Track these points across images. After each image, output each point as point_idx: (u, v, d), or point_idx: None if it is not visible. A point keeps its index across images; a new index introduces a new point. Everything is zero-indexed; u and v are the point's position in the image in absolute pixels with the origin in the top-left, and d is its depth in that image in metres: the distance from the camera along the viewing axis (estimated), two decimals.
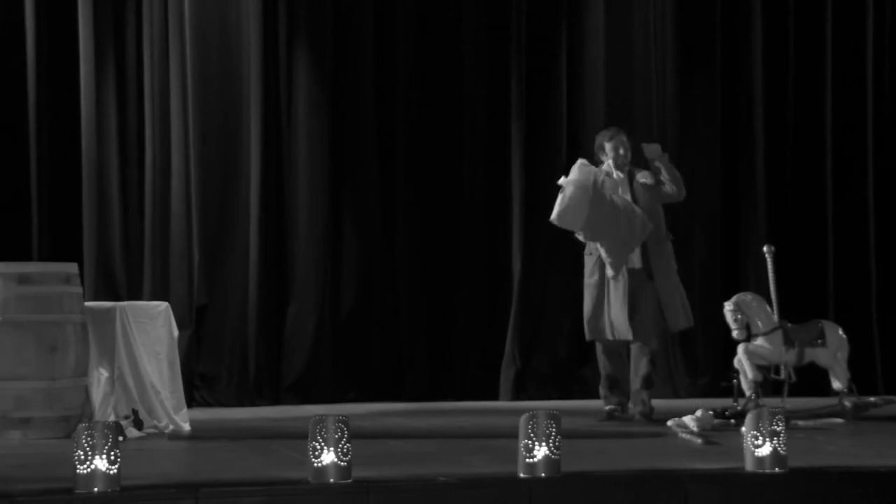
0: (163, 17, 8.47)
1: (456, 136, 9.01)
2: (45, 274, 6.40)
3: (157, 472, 5.04)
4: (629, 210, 7.03)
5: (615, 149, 7.19)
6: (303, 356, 8.60)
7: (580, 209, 6.98)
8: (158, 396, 6.63)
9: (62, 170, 8.33)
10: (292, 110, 8.72)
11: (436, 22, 9.00)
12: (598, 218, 6.98)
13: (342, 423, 4.52)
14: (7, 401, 6.21)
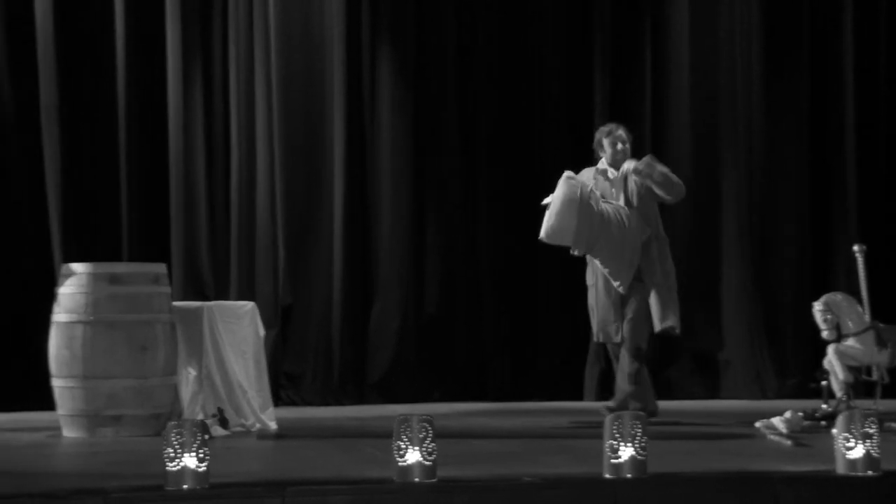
0: (248, 20, 8.57)
1: (538, 134, 8.98)
2: (135, 274, 6.51)
3: (244, 471, 5.09)
4: (619, 220, 6.92)
5: (612, 144, 7.08)
6: (387, 355, 8.63)
7: (568, 223, 6.88)
8: (245, 395, 6.71)
9: (151, 172, 8.46)
10: (375, 108, 8.76)
11: (518, 19, 8.97)
12: (588, 231, 6.89)
13: (427, 423, 4.53)
14: (100, 399, 6.33)
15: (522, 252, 8.88)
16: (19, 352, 8.04)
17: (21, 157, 8.27)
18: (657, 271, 6.99)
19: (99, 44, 8.39)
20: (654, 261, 7.00)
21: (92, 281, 6.40)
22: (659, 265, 7.01)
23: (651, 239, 7.02)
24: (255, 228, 8.59)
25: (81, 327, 6.35)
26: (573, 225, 6.87)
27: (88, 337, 6.33)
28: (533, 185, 8.92)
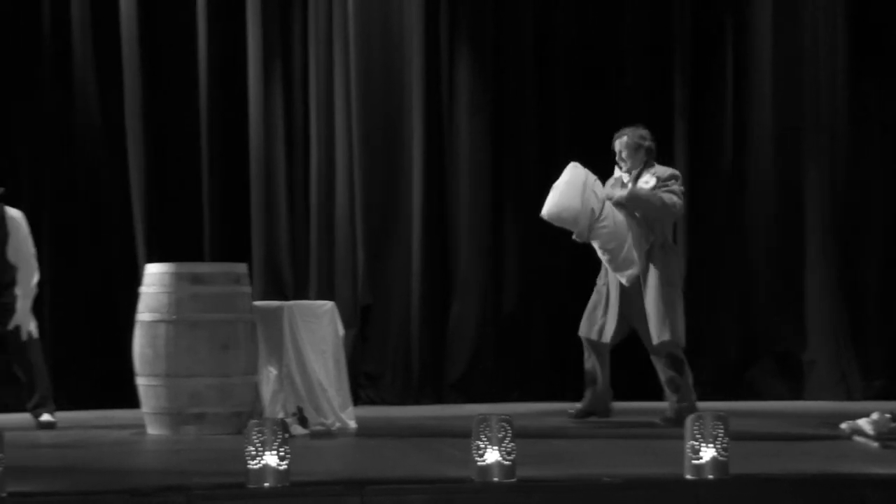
0: (327, 20, 8.63)
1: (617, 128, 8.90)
2: (217, 274, 6.59)
3: (324, 469, 5.12)
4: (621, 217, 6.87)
5: (616, 149, 7.06)
6: (465, 355, 8.64)
7: (570, 204, 6.87)
8: (325, 394, 6.75)
9: (232, 173, 8.56)
10: (454, 108, 8.77)
11: (597, 19, 8.92)
12: (590, 218, 6.85)
13: (506, 422, 4.52)
14: (182, 397, 6.41)
15: None
16: (106, 350, 8.19)
17: (107, 160, 8.42)
18: (656, 283, 6.86)
19: (181, 47, 8.51)
20: (660, 269, 6.87)
21: (175, 281, 6.48)
22: (659, 275, 6.87)
23: (655, 246, 6.91)
24: (335, 229, 8.65)
25: (164, 326, 6.44)
26: (575, 207, 6.86)
27: (171, 336, 6.42)
28: None
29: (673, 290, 6.91)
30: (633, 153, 7.02)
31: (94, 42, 8.39)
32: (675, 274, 6.97)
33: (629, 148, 7.03)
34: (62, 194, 8.34)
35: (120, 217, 8.40)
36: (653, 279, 6.87)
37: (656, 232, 6.92)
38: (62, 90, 8.37)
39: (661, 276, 6.86)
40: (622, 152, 7.05)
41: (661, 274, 6.86)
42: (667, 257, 6.93)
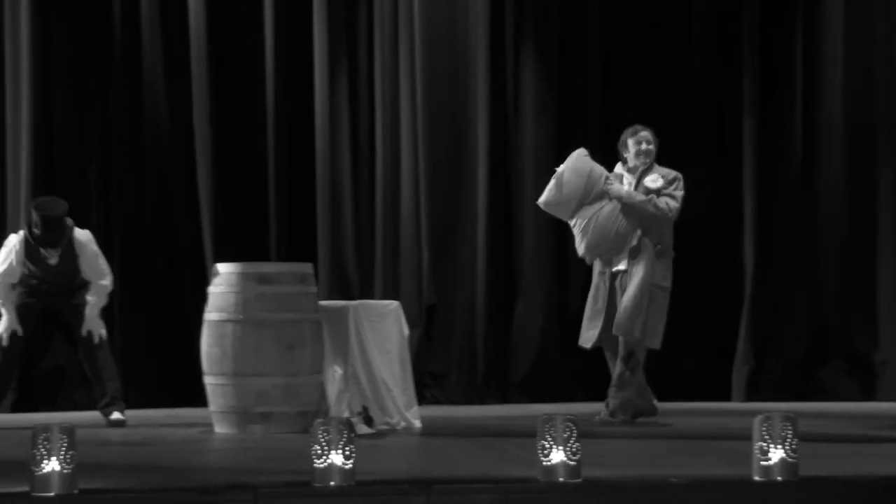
0: (393, 19, 8.66)
1: (685, 131, 8.84)
2: (283, 274, 6.63)
3: (389, 468, 5.13)
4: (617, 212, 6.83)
5: (637, 143, 6.95)
6: (530, 354, 8.62)
7: (571, 195, 6.86)
8: (390, 394, 6.77)
9: (298, 174, 8.62)
10: (519, 107, 8.76)
11: (664, 16, 8.85)
12: (587, 211, 6.83)
13: (571, 422, 4.50)
14: (249, 396, 6.46)
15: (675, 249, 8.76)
16: (174, 350, 8.29)
17: (175, 161, 8.52)
18: (639, 281, 6.82)
19: (248, 50, 8.60)
20: (647, 270, 6.83)
21: (242, 280, 6.54)
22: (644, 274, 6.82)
23: (647, 248, 6.86)
24: (400, 228, 8.67)
25: (231, 326, 6.49)
26: (577, 197, 6.85)
27: (238, 335, 6.47)
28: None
29: (656, 291, 6.87)
30: (655, 151, 7.00)
31: (162, 45, 8.50)
32: (661, 277, 6.90)
33: (654, 144, 6.99)
34: (131, 195, 8.45)
35: (188, 217, 8.50)
36: (637, 277, 6.84)
37: (651, 235, 6.88)
38: (131, 92, 8.48)
39: (646, 275, 6.83)
40: (647, 146, 6.95)
41: (647, 274, 6.83)
42: (657, 260, 6.88)
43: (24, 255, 7.01)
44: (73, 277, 7.12)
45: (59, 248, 7.01)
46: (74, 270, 7.11)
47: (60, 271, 7.06)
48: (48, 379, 8.20)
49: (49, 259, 7.04)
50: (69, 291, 7.12)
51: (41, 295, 7.09)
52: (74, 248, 7.08)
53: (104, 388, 7.16)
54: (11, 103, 8.31)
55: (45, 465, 4.24)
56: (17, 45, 8.29)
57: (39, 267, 7.04)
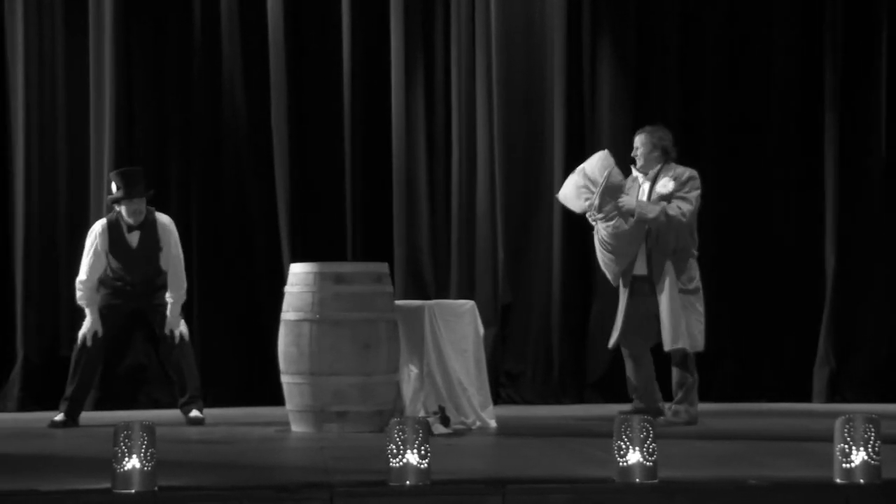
0: (469, 18, 8.66)
1: (765, 128, 8.72)
2: (359, 274, 6.66)
3: (465, 468, 5.13)
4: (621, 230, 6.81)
5: (635, 145, 7.01)
6: (607, 354, 8.51)
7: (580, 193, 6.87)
8: (465, 393, 6.77)
9: (374, 174, 8.66)
10: (596, 104, 8.71)
11: (744, 10, 8.73)
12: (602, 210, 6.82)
13: (647, 423, 4.47)
14: (326, 395, 6.51)
15: (744, 249, 8.67)
16: (252, 349, 8.36)
17: (253, 161, 8.60)
18: (668, 289, 6.80)
19: (326, 50, 8.65)
20: (675, 274, 6.82)
21: (318, 280, 6.58)
22: (671, 280, 6.81)
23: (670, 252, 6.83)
24: (476, 228, 8.67)
25: (308, 325, 6.54)
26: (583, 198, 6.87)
27: (315, 335, 6.52)
28: (758, 181, 8.69)
29: (688, 295, 6.85)
30: (648, 153, 6.97)
31: (241, 45, 8.59)
32: (686, 280, 6.87)
33: (645, 146, 6.99)
34: (209, 195, 8.55)
35: (265, 217, 8.57)
36: (663, 283, 6.83)
37: (668, 239, 6.83)
38: (210, 93, 8.58)
39: (672, 284, 6.81)
40: (639, 149, 7.00)
41: (672, 282, 6.82)
42: (681, 263, 6.85)
43: (107, 241, 7.12)
44: (153, 273, 7.22)
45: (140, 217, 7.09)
46: (154, 261, 7.19)
47: (140, 260, 7.14)
48: (130, 377, 8.33)
49: (131, 242, 7.12)
50: (151, 291, 7.23)
51: (124, 296, 7.20)
52: (157, 230, 7.19)
53: (184, 387, 7.26)
54: (95, 103, 8.45)
55: (127, 462, 4.31)
56: (101, 44, 8.43)
57: (122, 256, 7.13)
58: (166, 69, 8.57)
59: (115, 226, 7.17)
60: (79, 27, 8.47)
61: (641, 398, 7.12)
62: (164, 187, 8.44)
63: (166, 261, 7.23)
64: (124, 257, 7.16)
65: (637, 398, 7.13)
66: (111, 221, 7.19)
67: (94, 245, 7.16)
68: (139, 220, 7.13)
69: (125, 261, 7.16)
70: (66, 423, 7.07)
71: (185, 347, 7.29)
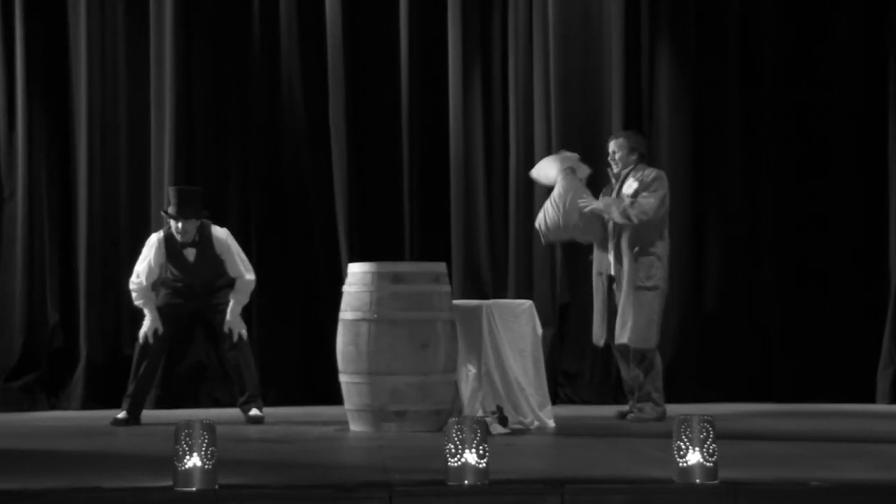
0: (527, 20, 8.64)
1: (826, 130, 8.62)
2: (417, 273, 6.67)
3: (523, 468, 5.13)
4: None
5: (610, 149, 7.24)
6: (666, 354, 8.48)
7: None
8: (523, 393, 6.76)
9: (432, 173, 8.67)
10: (654, 106, 8.66)
11: (804, 12, 8.63)
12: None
13: (708, 423, 4.43)
14: (384, 394, 6.52)
15: (807, 249, 8.57)
16: (310, 348, 8.41)
17: (311, 161, 8.65)
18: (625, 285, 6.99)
19: (383, 49, 8.69)
20: (633, 272, 6.99)
21: (376, 280, 6.60)
22: (629, 278, 6.99)
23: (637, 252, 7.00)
24: (533, 228, 8.63)
25: (366, 325, 6.56)
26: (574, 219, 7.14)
27: (373, 334, 6.54)
28: (819, 181, 8.58)
29: (644, 292, 6.98)
30: (626, 156, 7.18)
31: (299, 46, 8.65)
32: (644, 278, 7.01)
33: (623, 149, 7.18)
34: (268, 195, 8.61)
35: (323, 217, 8.62)
36: (624, 281, 7.03)
37: (629, 238, 7.02)
38: (269, 94, 8.64)
39: (631, 278, 7.00)
40: (616, 153, 7.19)
41: (631, 277, 7.00)
42: (640, 261, 7.01)
43: (164, 254, 7.19)
44: (214, 277, 7.29)
45: (194, 237, 7.14)
46: (214, 269, 7.27)
47: (199, 271, 7.23)
48: (190, 376, 8.41)
49: (188, 257, 7.20)
50: (211, 291, 7.29)
51: (185, 296, 7.27)
52: (214, 247, 7.24)
53: (243, 386, 7.31)
54: (155, 104, 8.55)
55: (188, 460, 4.35)
56: (161, 46, 8.53)
57: (179, 267, 7.22)
58: (225, 70, 8.64)
59: (171, 240, 7.22)
60: (140, 30, 8.57)
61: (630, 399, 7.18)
62: (224, 188, 8.53)
63: (234, 271, 7.27)
64: (183, 268, 7.23)
65: (631, 398, 7.18)
66: (167, 235, 7.25)
67: (149, 258, 7.22)
68: (188, 239, 7.16)
69: (184, 271, 7.24)
70: (129, 420, 7.15)
71: (245, 347, 7.34)
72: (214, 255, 7.23)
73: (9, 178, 8.47)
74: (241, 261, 7.31)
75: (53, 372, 8.40)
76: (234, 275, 7.28)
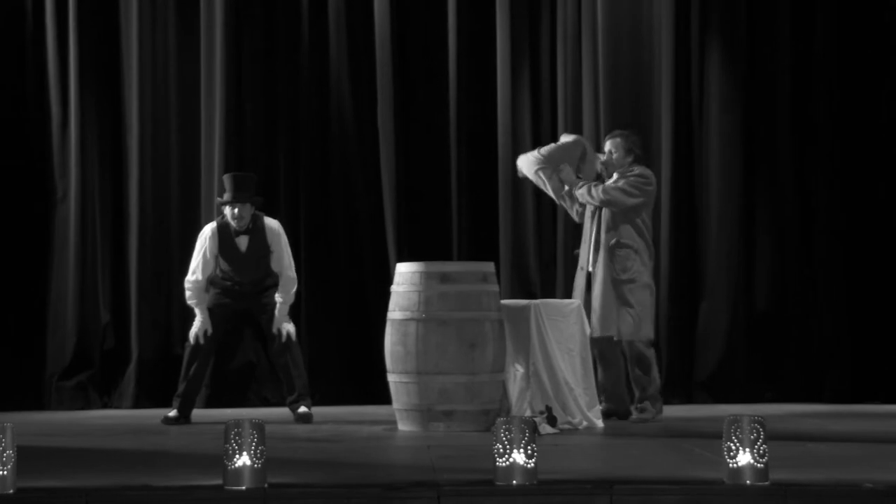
0: (576, 19, 8.62)
1: (883, 124, 8.51)
2: (465, 273, 6.67)
3: (572, 468, 5.11)
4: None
5: (606, 149, 7.30)
6: (716, 353, 8.45)
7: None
8: (572, 393, 6.74)
9: (480, 173, 8.67)
10: (704, 106, 8.60)
11: (858, 12, 8.52)
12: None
13: (758, 424, 4.39)
14: (432, 394, 6.53)
15: (862, 247, 8.46)
16: (359, 348, 8.43)
17: (359, 161, 8.68)
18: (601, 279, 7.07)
19: (432, 49, 8.70)
20: (608, 266, 7.08)
21: (424, 279, 6.61)
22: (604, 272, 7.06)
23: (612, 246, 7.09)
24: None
25: (414, 324, 6.57)
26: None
27: (421, 334, 6.54)
28: (875, 181, 8.48)
29: (621, 286, 7.04)
30: (622, 156, 7.23)
31: (348, 44, 8.68)
32: (620, 270, 7.05)
33: (620, 150, 7.24)
34: (316, 194, 8.65)
35: (372, 217, 8.64)
36: (600, 275, 7.06)
37: (615, 228, 7.09)
38: (317, 92, 8.68)
39: (607, 272, 7.07)
40: (612, 153, 7.24)
41: (607, 271, 7.07)
42: (617, 255, 7.04)
43: (217, 245, 7.24)
44: (263, 275, 7.33)
45: (248, 224, 7.21)
46: (264, 264, 7.31)
47: (250, 264, 7.26)
48: (239, 375, 8.47)
49: (240, 246, 7.24)
50: (259, 291, 7.34)
51: (234, 296, 7.32)
52: (266, 235, 7.29)
53: (292, 385, 7.35)
54: (205, 103, 8.62)
55: (237, 459, 4.38)
56: (211, 43, 8.59)
57: (231, 259, 7.26)
58: (275, 68, 8.69)
59: (225, 229, 7.28)
60: (190, 27, 8.65)
61: (609, 399, 7.19)
62: (273, 186, 8.58)
63: (278, 264, 7.32)
64: (234, 260, 7.27)
65: (605, 399, 7.19)
66: (221, 225, 7.31)
67: (204, 248, 7.28)
68: (243, 226, 7.23)
69: (235, 263, 7.28)
70: (179, 419, 7.21)
71: (293, 346, 7.38)
72: (265, 245, 7.28)
73: (62, 179, 8.57)
74: (288, 255, 7.35)
75: (105, 371, 8.49)
76: (276, 269, 7.32)
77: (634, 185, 7.12)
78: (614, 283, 7.09)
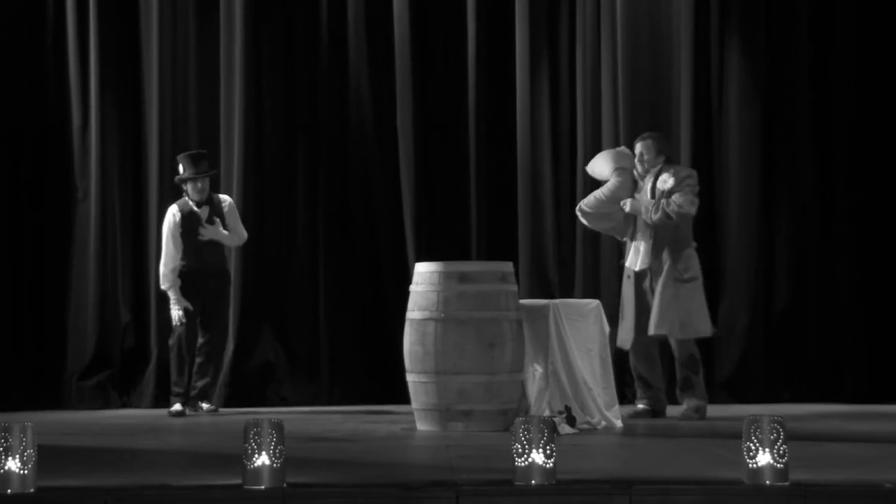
0: (594, 16, 8.60)
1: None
2: (484, 273, 6.67)
3: (590, 468, 5.10)
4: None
5: (637, 150, 7.40)
6: (735, 353, 8.43)
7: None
8: (591, 393, 6.73)
9: (499, 173, 8.67)
10: (723, 102, 8.58)
11: (877, 8, 8.48)
12: None
13: (778, 424, 4.38)
14: (450, 394, 6.52)
15: (882, 245, 8.43)
16: (378, 347, 8.44)
17: (378, 161, 8.68)
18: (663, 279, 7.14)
19: (451, 49, 8.70)
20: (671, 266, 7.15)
21: (443, 279, 6.61)
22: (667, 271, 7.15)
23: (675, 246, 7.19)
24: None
25: (433, 324, 6.57)
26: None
27: (439, 334, 6.54)
28: (894, 177, 8.44)
29: (683, 284, 7.16)
30: (654, 157, 7.32)
31: (367, 45, 8.69)
32: (682, 270, 7.18)
33: (651, 151, 7.33)
34: (335, 193, 8.66)
35: (390, 216, 8.65)
36: (663, 274, 7.19)
37: (665, 232, 7.17)
38: (337, 94, 8.70)
39: (670, 272, 7.16)
40: (644, 155, 7.33)
41: (671, 270, 7.17)
42: (677, 254, 7.19)
43: (181, 223, 7.67)
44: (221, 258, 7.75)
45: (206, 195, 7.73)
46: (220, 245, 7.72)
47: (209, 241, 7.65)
48: (258, 375, 8.48)
49: (201, 217, 7.66)
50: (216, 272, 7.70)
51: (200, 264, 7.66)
52: (221, 208, 7.77)
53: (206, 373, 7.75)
54: (224, 103, 8.65)
55: (256, 458, 4.39)
56: (231, 44, 8.62)
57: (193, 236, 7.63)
58: (294, 69, 8.71)
59: (185, 207, 7.71)
60: (210, 29, 8.68)
61: (648, 398, 7.26)
62: (292, 190, 8.59)
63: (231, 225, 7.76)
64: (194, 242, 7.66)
65: (642, 397, 7.26)
66: (181, 204, 7.74)
67: (171, 222, 7.70)
68: (204, 197, 7.72)
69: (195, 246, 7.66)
70: (183, 412, 7.59)
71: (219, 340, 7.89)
72: (221, 214, 7.73)
73: (82, 179, 8.60)
74: (239, 222, 7.83)
75: (125, 371, 8.53)
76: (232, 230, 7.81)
77: (693, 190, 7.25)
78: (676, 282, 7.18)
